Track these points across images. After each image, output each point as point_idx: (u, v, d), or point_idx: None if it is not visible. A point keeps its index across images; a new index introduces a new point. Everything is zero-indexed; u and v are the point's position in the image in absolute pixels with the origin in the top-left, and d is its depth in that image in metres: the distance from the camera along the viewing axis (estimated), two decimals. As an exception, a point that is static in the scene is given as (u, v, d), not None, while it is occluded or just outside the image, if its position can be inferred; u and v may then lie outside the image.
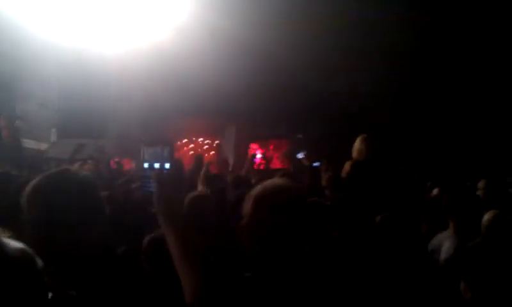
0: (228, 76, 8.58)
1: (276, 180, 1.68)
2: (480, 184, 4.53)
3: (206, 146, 11.88)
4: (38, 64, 7.94)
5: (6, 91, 7.00)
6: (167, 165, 1.54)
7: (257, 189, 1.56)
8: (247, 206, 1.53)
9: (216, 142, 11.34)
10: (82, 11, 7.19)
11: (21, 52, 7.44)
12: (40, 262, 1.01)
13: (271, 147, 11.10)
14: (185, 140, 11.64)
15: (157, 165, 1.56)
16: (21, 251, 0.99)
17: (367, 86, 8.05)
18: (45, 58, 7.83)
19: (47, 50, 7.57)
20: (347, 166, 4.33)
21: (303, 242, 1.50)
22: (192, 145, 11.80)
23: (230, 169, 6.24)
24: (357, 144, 4.46)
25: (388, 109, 8.54)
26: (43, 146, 6.95)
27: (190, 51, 7.83)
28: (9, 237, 1.01)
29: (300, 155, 5.60)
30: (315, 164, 4.65)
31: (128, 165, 7.66)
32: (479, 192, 4.21)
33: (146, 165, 1.59)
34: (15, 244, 1.00)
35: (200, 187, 4.01)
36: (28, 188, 1.43)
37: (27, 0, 6.81)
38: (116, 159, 7.13)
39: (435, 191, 4.22)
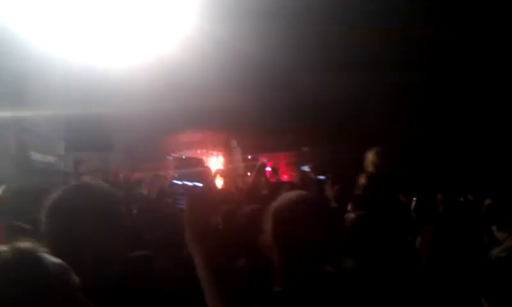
0: (233, 88, 8.63)
1: (294, 193, 1.66)
2: None
3: (211, 158, 11.90)
4: (45, 78, 8.02)
5: (13, 104, 7.06)
6: (199, 184, 1.54)
7: (278, 203, 1.55)
8: (268, 221, 1.52)
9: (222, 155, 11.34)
10: (89, 26, 7.28)
11: (28, 65, 7.52)
12: (76, 279, 1.00)
13: (281, 159, 11.12)
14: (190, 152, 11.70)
15: (188, 183, 1.55)
16: (60, 266, 0.99)
17: (374, 98, 8.07)
18: (52, 72, 7.91)
19: (54, 63, 7.65)
20: (363, 180, 4.30)
21: (332, 255, 1.50)
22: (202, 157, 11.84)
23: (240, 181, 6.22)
24: (371, 157, 4.43)
25: (395, 121, 8.53)
26: (51, 159, 6.99)
27: (195, 64, 7.88)
28: (46, 252, 1.00)
29: (306, 168, 5.60)
30: (321, 178, 4.64)
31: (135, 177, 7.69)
32: None
33: (178, 181, 1.59)
34: (53, 259, 0.99)
35: None
36: (48, 202, 1.41)
37: (35, 15, 6.91)
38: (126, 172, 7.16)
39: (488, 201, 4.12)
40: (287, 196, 1.59)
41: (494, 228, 2.93)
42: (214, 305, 1.36)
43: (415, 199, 3.50)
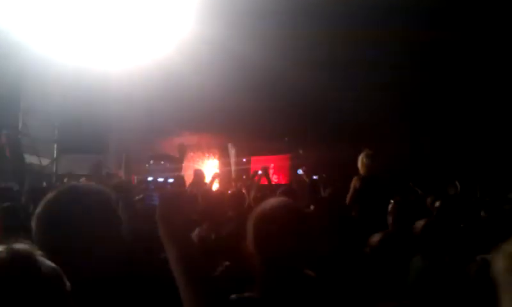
0: (230, 92, 8.64)
1: (275, 200, 1.66)
2: None
3: (207, 161, 11.90)
4: (41, 81, 8.01)
5: (9, 106, 7.06)
6: (170, 180, 1.54)
7: (258, 210, 1.55)
8: (249, 227, 1.53)
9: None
10: (85, 29, 7.28)
11: (24, 69, 7.52)
12: (68, 285, 0.99)
13: (273, 163, 11.12)
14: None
15: (160, 180, 1.55)
16: (54, 271, 0.97)
17: (369, 100, 8.09)
18: (47, 75, 7.91)
19: (50, 67, 7.65)
20: (356, 182, 4.34)
21: (309, 261, 1.50)
22: (192, 161, 11.83)
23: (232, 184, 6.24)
24: (363, 160, 4.47)
25: (388, 123, 8.57)
26: (45, 161, 6.98)
27: (192, 68, 7.89)
28: (41, 255, 0.98)
29: (300, 171, 5.63)
30: (314, 177, 4.68)
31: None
32: None
33: (150, 178, 1.59)
34: (48, 262, 0.98)
35: None
36: (38, 208, 1.38)
37: (31, 18, 6.91)
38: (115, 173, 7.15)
39: None
40: (268, 202, 1.58)
41: None
42: (188, 302, 1.36)
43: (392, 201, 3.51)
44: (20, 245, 0.97)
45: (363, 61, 7.67)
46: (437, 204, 3.83)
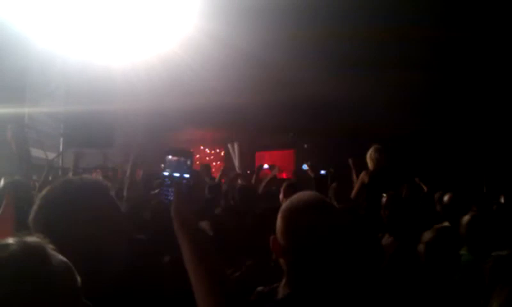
0: (234, 87, 8.64)
1: (306, 193, 1.58)
2: None
3: (212, 156, 11.92)
4: (46, 75, 8.03)
5: (14, 100, 7.07)
6: (186, 175, 1.54)
7: (291, 204, 1.51)
8: (280, 220, 1.49)
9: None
10: (89, 23, 7.28)
11: (29, 62, 7.53)
12: (79, 280, 0.96)
13: (277, 157, 11.13)
14: (192, 150, 11.72)
15: (177, 175, 1.55)
16: (66, 266, 0.95)
17: (374, 96, 8.07)
18: (53, 68, 7.93)
19: (55, 60, 7.67)
20: (364, 176, 4.33)
21: (343, 261, 1.46)
22: (198, 155, 11.85)
23: (239, 180, 6.22)
24: (372, 155, 4.46)
25: (394, 119, 8.55)
26: (51, 155, 6.99)
27: (196, 63, 7.89)
28: (54, 249, 0.95)
29: (305, 167, 5.61)
30: (322, 172, 4.66)
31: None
32: None
33: (166, 173, 1.58)
34: (60, 257, 0.95)
35: None
36: (34, 205, 1.34)
37: (35, 13, 6.91)
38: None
39: None
40: (300, 197, 1.53)
41: None
42: (202, 301, 1.34)
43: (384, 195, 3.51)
44: (32, 238, 0.94)
45: (368, 57, 7.64)
46: (445, 199, 3.82)
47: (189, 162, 1.57)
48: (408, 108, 8.44)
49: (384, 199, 3.44)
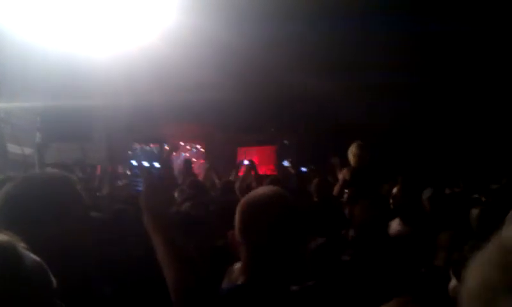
0: (215, 82, 8.59)
1: (264, 188, 1.68)
2: None
3: (194, 151, 11.84)
4: (22, 68, 7.82)
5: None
6: (156, 164, 1.52)
7: (247, 197, 1.56)
8: (238, 214, 1.53)
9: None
10: (69, 14, 7.11)
11: (5, 54, 7.33)
12: (54, 281, 0.91)
13: (258, 153, 11.14)
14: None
15: (146, 164, 1.53)
16: (40, 265, 0.89)
17: (356, 93, 8.15)
18: (30, 61, 7.73)
19: (32, 52, 7.47)
20: (346, 173, 4.35)
21: (296, 250, 1.51)
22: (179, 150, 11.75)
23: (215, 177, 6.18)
24: (354, 151, 4.48)
25: (374, 119, 8.66)
26: (28, 150, 6.82)
27: (177, 56, 7.81)
28: (27, 249, 0.90)
29: (286, 163, 5.63)
30: (303, 170, 4.68)
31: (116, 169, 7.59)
32: None
33: (134, 162, 1.55)
34: (33, 256, 0.89)
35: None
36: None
37: (13, 4, 6.72)
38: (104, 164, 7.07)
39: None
40: (256, 190, 1.59)
41: None
42: (174, 280, 1.37)
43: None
44: (1, 236, 0.88)
45: (350, 57, 7.71)
46: (394, 190, 3.85)
47: (158, 150, 1.55)
48: (390, 105, 8.55)
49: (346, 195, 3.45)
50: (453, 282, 1.88)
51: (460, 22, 7.06)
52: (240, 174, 5.73)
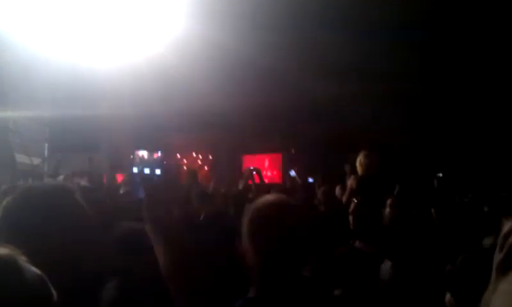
0: (221, 90, 8.60)
1: (272, 196, 1.64)
2: None
3: (199, 161, 11.85)
4: (30, 79, 7.91)
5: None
6: (158, 171, 1.49)
7: (255, 206, 1.54)
8: (245, 223, 1.51)
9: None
10: (75, 26, 7.18)
11: (13, 66, 7.41)
12: (55, 294, 0.90)
13: (266, 161, 11.13)
14: (179, 155, 11.64)
15: (147, 171, 1.50)
16: (39, 278, 0.88)
17: (363, 101, 8.12)
18: (37, 73, 7.81)
19: (40, 64, 7.54)
20: (352, 182, 4.34)
21: (305, 259, 1.49)
22: (185, 160, 11.77)
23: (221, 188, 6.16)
24: (362, 160, 4.47)
25: (383, 127, 8.62)
26: (36, 160, 6.88)
27: (183, 66, 7.84)
28: (27, 262, 0.88)
29: (292, 173, 5.63)
30: (310, 180, 4.67)
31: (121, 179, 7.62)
32: None
33: (135, 170, 1.52)
34: (34, 269, 0.88)
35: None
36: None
37: (19, 15, 6.80)
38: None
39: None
40: (264, 199, 1.56)
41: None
42: (179, 300, 1.34)
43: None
44: (2, 249, 0.87)
45: (358, 63, 7.69)
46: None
47: (160, 157, 1.52)
48: (396, 116, 8.51)
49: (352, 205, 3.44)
50: (447, 296, 1.83)
51: (471, 30, 7.03)
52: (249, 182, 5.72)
